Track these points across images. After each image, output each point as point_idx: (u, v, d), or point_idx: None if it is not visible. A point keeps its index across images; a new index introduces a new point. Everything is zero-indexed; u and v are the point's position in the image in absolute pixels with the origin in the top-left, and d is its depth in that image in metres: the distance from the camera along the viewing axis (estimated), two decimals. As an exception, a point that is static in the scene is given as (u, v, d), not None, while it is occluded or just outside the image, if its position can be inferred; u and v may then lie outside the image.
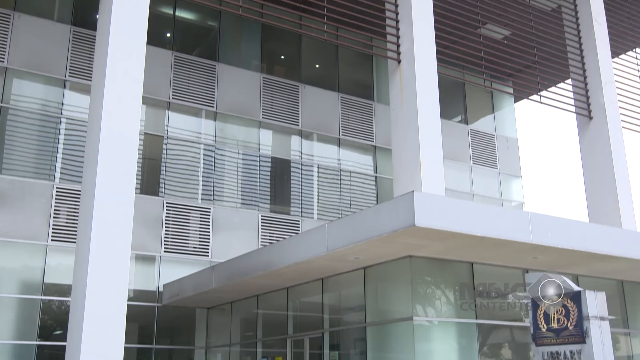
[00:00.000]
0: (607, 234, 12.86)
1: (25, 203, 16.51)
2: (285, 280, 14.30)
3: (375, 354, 12.60)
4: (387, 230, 10.42)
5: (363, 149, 22.17)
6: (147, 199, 18.04)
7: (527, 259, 12.33)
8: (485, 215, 11.03)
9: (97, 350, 9.85)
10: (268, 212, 19.86)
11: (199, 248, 18.46)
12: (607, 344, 7.76)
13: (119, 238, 10.76)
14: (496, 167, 24.59)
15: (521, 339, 13.80)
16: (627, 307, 15.24)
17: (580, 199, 47.51)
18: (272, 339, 16.32)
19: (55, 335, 16.44)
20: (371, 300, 13.06)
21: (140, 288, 17.65)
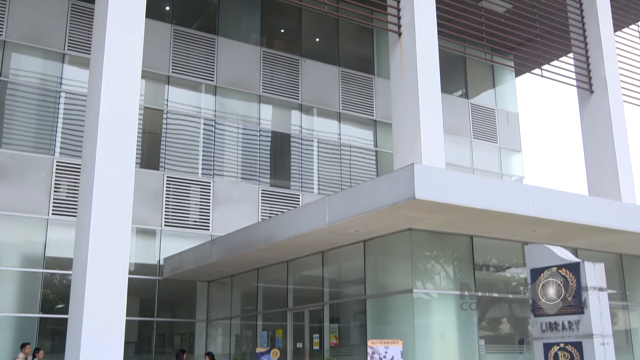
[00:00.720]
0: (606, 207, 12.89)
1: (26, 177, 16.52)
2: (285, 253, 14.35)
3: (375, 327, 12.69)
4: (387, 202, 10.44)
5: (363, 123, 22.13)
6: (147, 173, 18.05)
7: (526, 232, 12.37)
8: (485, 188, 11.04)
9: (98, 323, 9.90)
10: (268, 186, 19.88)
11: (200, 222, 18.51)
12: (605, 314, 7.80)
13: (120, 212, 10.77)
14: (496, 142, 24.56)
15: (520, 313, 13.89)
16: (626, 280, 15.32)
17: (581, 173, 47.51)
18: (272, 311, 16.42)
19: (57, 308, 16.56)
20: (371, 273, 13.12)
21: (141, 262, 17.73)
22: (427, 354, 11.97)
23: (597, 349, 7.58)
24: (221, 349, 17.94)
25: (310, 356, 14.43)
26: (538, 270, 8.24)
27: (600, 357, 7.59)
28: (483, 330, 13.00)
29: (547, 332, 8.07)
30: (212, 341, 18.36)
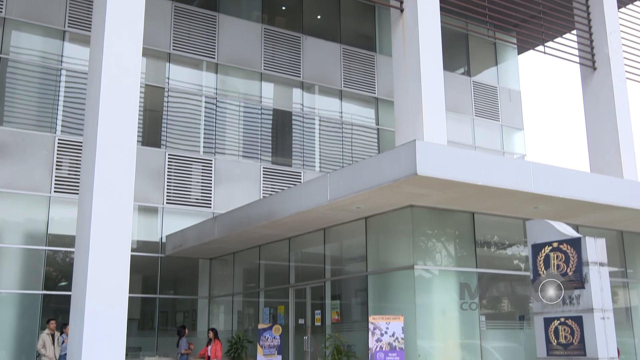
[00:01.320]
0: (608, 183, 12.88)
1: (27, 155, 16.53)
2: (287, 230, 14.39)
3: (376, 304, 12.75)
4: (389, 179, 10.44)
5: (365, 101, 22.07)
6: (148, 151, 18.05)
7: (528, 208, 12.38)
8: (487, 165, 11.03)
9: (101, 300, 9.95)
10: (270, 163, 19.89)
11: (201, 199, 18.54)
12: (605, 289, 7.84)
13: (122, 189, 10.77)
14: (498, 120, 24.49)
15: (520, 290, 13.95)
16: (627, 257, 15.37)
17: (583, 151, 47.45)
18: (274, 288, 16.51)
19: (61, 285, 16.66)
20: (372, 249, 13.16)
21: (143, 239, 17.79)
22: (427, 329, 12.05)
23: (597, 323, 7.62)
24: (223, 325, 18.06)
25: (312, 332, 14.53)
26: (539, 245, 8.26)
27: (601, 331, 7.63)
28: (484, 307, 13.07)
29: (547, 307, 8.12)
30: (215, 318, 18.49)
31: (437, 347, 12.20)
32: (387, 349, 11.68)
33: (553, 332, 8.00)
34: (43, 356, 14.31)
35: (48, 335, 14.50)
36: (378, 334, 11.76)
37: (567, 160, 51.63)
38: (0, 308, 15.75)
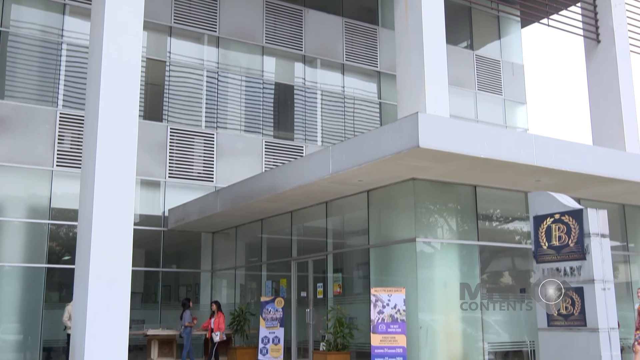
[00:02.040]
0: (610, 156, 12.86)
1: (29, 129, 16.52)
2: (289, 203, 14.42)
3: (378, 276, 12.81)
4: (391, 151, 10.43)
5: (367, 75, 21.97)
6: (150, 125, 18.03)
7: (530, 181, 12.38)
8: (489, 137, 11.01)
9: (105, 273, 10.00)
10: (272, 137, 19.87)
11: (204, 173, 18.56)
12: (606, 260, 7.87)
13: (124, 163, 10.78)
14: (501, 94, 24.39)
15: (522, 263, 14.01)
16: (628, 230, 15.40)
17: (585, 126, 47.32)
18: (276, 261, 16.59)
19: (64, 260, 16.75)
20: (374, 222, 13.19)
21: (145, 213, 17.85)
22: (429, 302, 12.12)
23: (598, 294, 7.66)
24: (226, 298, 18.19)
25: (314, 305, 14.63)
26: (541, 217, 8.28)
27: (601, 302, 7.67)
28: (485, 279, 13.13)
29: (548, 278, 8.15)
30: (217, 291, 18.61)
31: (438, 319, 12.28)
32: (388, 320, 11.77)
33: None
34: (69, 328, 13.97)
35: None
36: (380, 306, 11.84)
37: (569, 135, 51.48)
38: (5, 281, 15.86)
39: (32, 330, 15.88)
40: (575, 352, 7.71)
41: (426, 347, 11.83)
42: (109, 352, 9.31)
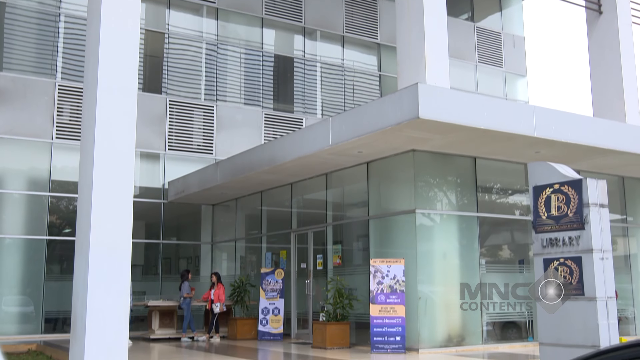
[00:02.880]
0: (610, 128, 12.86)
1: (28, 101, 16.47)
2: (289, 175, 14.43)
3: (378, 247, 12.87)
4: (391, 122, 10.42)
5: (367, 47, 21.83)
6: (150, 97, 17.97)
7: (529, 153, 12.38)
8: (490, 108, 10.99)
9: (105, 244, 10.01)
10: (271, 110, 19.81)
11: (203, 146, 18.54)
12: (605, 230, 7.87)
13: (123, 133, 10.73)
14: (502, 66, 24.27)
15: (520, 234, 14.05)
16: (627, 204, 15.43)
17: (586, 98, 47.13)
18: (276, 233, 16.65)
19: (65, 232, 16.80)
20: (374, 194, 13.22)
21: (145, 185, 17.86)
22: (428, 273, 12.20)
23: (596, 264, 7.68)
24: (226, 270, 18.28)
25: (314, 276, 14.71)
26: (540, 187, 8.27)
27: (599, 271, 7.70)
28: (484, 251, 13.19)
29: (547, 248, 8.17)
30: (217, 263, 18.69)
31: (437, 291, 12.36)
32: (388, 291, 11.84)
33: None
34: None
35: None
36: (379, 277, 11.90)
37: (570, 107, 51.25)
38: (6, 253, 15.93)
39: (35, 302, 15.99)
40: (572, 320, 7.76)
41: (425, 317, 11.93)
42: (110, 322, 9.37)
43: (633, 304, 15.19)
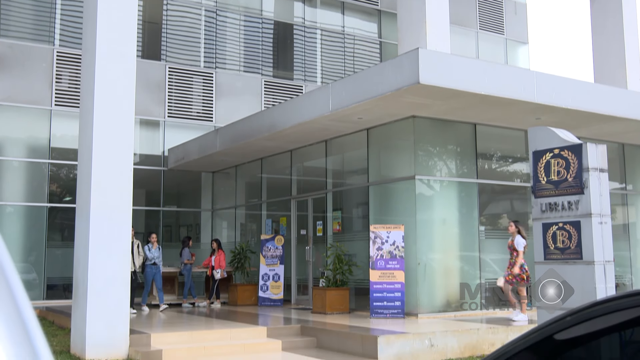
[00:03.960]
0: (611, 94, 12.81)
1: (26, 67, 16.37)
2: (289, 142, 14.41)
3: (377, 217, 12.90)
4: (391, 88, 10.37)
5: (367, 14, 21.63)
6: (149, 64, 17.86)
7: (530, 119, 12.34)
8: (491, 74, 10.93)
9: (105, 210, 10.04)
10: (271, 77, 19.71)
11: (203, 113, 18.48)
12: (604, 195, 7.90)
13: (122, 100, 10.69)
14: (503, 33, 24.08)
15: (520, 200, 14.08)
16: (627, 171, 15.44)
17: (588, 66, 46.82)
18: (276, 200, 16.68)
19: (65, 200, 16.83)
20: (374, 160, 13.22)
21: (145, 152, 17.85)
22: (428, 239, 12.25)
23: (595, 228, 7.72)
24: (226, 237, 18.36)
25: (314, 243, 14.78)
26: (540, 152, 8.27)
27: (598, 235, 7.74)
28: (483, 217, 13.24)
29: (546, 213, 8.20)
30: (218, 230, 18.77)
31: (436, 257, 12.43)
32: (387, 257, 11.91)
33: (551, 237, 8.12)
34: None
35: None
36: (379, 243, 11.96)
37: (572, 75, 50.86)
38: (7, 221, 15.98)
39: (37, 269, 16.08)
40: (570, 284, 7.82)
41: (424, 283, 12.02)
42: (111, 287, 9.43)
43: (631, 271, 15.29)
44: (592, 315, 2.23)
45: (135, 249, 13.88)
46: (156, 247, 14.66)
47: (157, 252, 14.62)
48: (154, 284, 14.71)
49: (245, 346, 9.99)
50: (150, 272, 14.53)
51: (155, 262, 14.56)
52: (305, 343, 10.36)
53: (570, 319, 2.27)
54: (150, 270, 14.52)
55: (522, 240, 11.27)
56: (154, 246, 14.59)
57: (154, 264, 14.52)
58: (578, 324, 2.23)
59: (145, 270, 14.49)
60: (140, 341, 9.78)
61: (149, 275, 14.55)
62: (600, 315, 2.20)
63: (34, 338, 0.62)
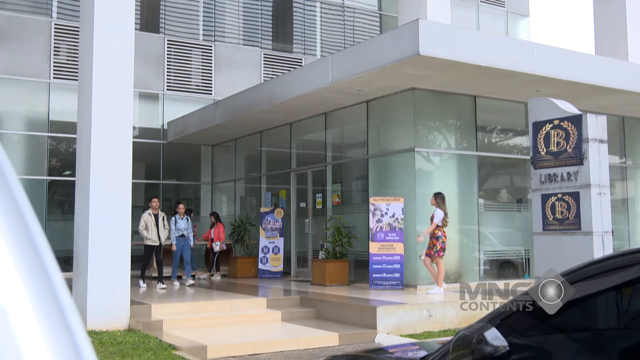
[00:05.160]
0: (612, 66, 12.74)
1: (24, 40, 16.27)
2: (288, 114, 14.37)
3: (377, 189, 12.90)
4: (391, 59, 10.32)
5: (367, -14, 21.45)
6: (147, 36, 17.74)
7: (530, 92, 12.29)
8: (491, 45, 10.87)
9: (105, 182, 10.04)
10: (270, 49, 19.59)
11: (202, 86, 18.41)
12: (603, 165, 7.91)
13: (121, 73, 10.65)
14: (504, 6, 23.88)
15: (519, 174, 14.09)
16: (627, 145, 15.43)
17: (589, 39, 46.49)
18: (275, 173, 16.69)
19: (65, 173, 16.83)
20: (373, 133, 13.20)
21: (145, 126, 17.81)
22: (427, 211, 12.26)
23: (594, 199, 7.74)
24: (226, 211, 18.39)
25: (313, 215, 14.81)
26: (540, 123, 8.26)
27: (596, 206, 7.76)
28: (483, 191, 13.25)
29: (545, 184, 8.22)
30: (217, 203, 18.80)
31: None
32: (387, 229, 11.95)
33: (550, 208, 8.14)
34: (146, 239, 13.02)
35: (150, 216, 13.08)
36: (378, 215, 11.99)
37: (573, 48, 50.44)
38: (7, 193, 15.96)
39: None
40: (568, 255, 7.85)
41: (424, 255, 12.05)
42: (111, 260, 9.47)
43: (629, 245, 15.34)
44: (588, 274, 2.24)
45: (161, 221, 13.16)
46: (184, 217, 14.03)
47: (185, 223, 13.98)
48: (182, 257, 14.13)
49: (245, 317, 10.07)
50: (179, 245, 13.87)
51: (184, 234, 13.95)
52: (305, 314, 10.44)
53: (567, 278, 2.28)
54: (178, 243, 13.86)
55: (439, 212, 11.09)
56: (181, 217, 13.99)
57: (182, 235, 13.91)
58: (573, 284, 2.25)
59: (174, 242, 13.82)
60: (141, 312, 9.86)
61: (177, 248, 13.88)
62: (595, 275, 2.22)
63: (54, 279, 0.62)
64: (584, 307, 2.41)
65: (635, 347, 2.31)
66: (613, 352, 2.34)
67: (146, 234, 12.96)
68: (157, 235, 12.97)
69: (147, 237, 12.96)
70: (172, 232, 13.61)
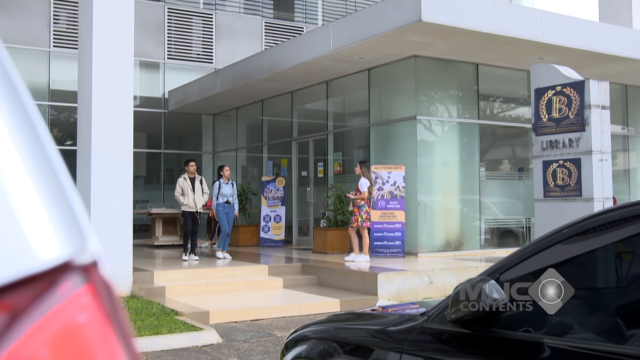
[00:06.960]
0: (616, 33, 12.64)
1: (23, 8, 16.13)
2: (289, 83, 14.31)
3: (378, 159, 12.89)
4: (393, 26, 10.25)
5: (369, -47, 21.20)
6: (147, 4, 17.57)
7: (532, 59, 12.20)
8: (493, 11, 10.78)
9: (106, 150, 10.04)
10: (271, 18, 19.43)
11: (203, 55, 18.29)
12: (605, 132, 7.89)
13: (121, 41, 10.58)
14: (507, -26, 23.61)
15: (521, 142, 14.07)
16: (629, 114, 15.37)
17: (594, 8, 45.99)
18: (277, 142, 16.67)
19: (66, 142, 16.81)
20: (375, 101, 13.15)
21: (145, 95, 17.74)
22: (428, 179, 12.29)
23: (595, 165, 7.74)
24: (228, 180, 18.39)
25: (315, 184, 14.83)
26: (542, 89, 8.23)
27: (598, 172, 7.77)
28: (484, 160, 13.24)
29: (547, 150, 8.21)
30: (219, 173, 18.78)
31: (436, 198, 12.49)
32: (388, 197, 11.97)
33: (551, 175, 8.15)
34: (183, 204, 12.05)
35: (186, 180, 12.12)
36: (380, 183, 12.00)
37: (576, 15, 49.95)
38: (8, 162, 15.98)
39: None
40: (569, 221, 7.87)
41: (424, 223, 12.11)
42: (113, 227, 9.51)
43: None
44: (589, 227, 2.25)
45: (198, 185, 12.13)
46: (229, 182, 12.60)
47: (230, 188, 12.51)
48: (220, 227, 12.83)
49: (247, 283, 10.14)
50: (223, 212, 12.35)
51: (229, 201, 12.45)
52: (306, 281, 10.51)
53: (567, 231, 2.29)
54: (222, 210, 12.35)
55: (365, 180, 11.07)
56: (226, 182, 12.57)
57: (227, 202, 12.42)
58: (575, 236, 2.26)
59: (217, 210, 12.40)
60: (143, 278, 9.93)
61: (221, 216, 12.36)
62: (596, 227, 2.23)
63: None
64: (582, 262, 2.43)
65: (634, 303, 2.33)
66: (611, 307, 2.37)
67: (182, 200, 12.00)
68: (194, 201, 12.04)
69: (184, 204, 11.99)
70: (198, 196, 12.12)
